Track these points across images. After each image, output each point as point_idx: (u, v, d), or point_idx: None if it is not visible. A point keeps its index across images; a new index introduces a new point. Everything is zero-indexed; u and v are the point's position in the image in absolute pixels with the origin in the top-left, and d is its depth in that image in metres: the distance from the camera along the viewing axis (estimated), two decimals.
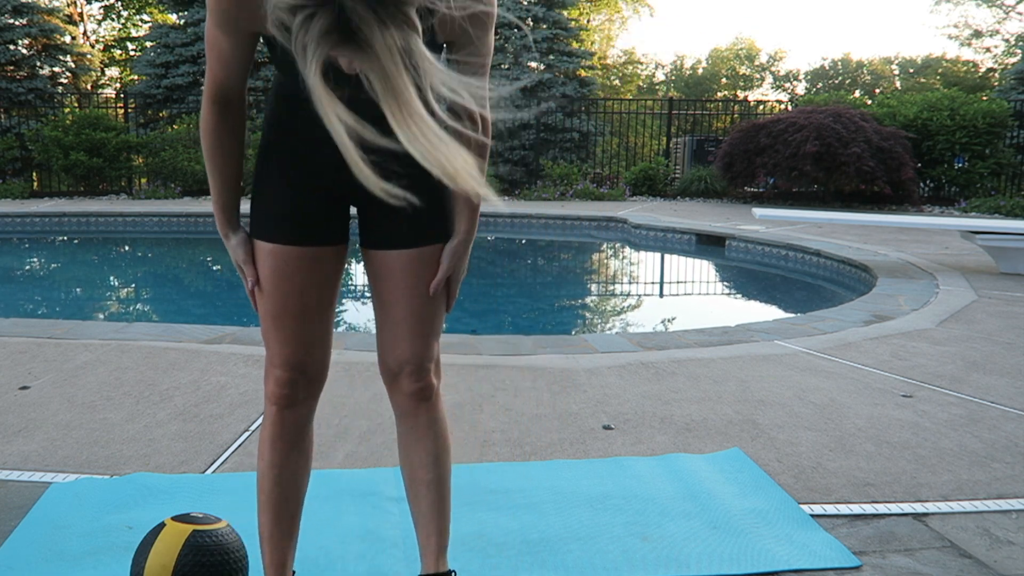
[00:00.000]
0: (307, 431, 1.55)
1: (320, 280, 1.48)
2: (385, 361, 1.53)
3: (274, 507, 1.53)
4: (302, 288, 1.46)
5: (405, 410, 1.54)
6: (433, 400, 1.54)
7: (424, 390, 1.52)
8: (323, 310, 1.50)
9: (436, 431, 1.55)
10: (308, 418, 1.54)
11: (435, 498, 1.55)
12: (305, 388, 1.51)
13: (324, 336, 1.52)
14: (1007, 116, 12.47)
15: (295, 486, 1.55)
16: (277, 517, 1.53)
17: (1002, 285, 5.61)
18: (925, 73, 34.87)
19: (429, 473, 1.55)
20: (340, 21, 1.00)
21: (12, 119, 14.00)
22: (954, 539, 1.97)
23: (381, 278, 1.50)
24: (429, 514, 1.55)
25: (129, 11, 25.26)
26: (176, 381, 3.11)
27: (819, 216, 7.00)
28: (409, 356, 1.50)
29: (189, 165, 12.57)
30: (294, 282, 1.45)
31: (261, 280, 1.47)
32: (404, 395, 1.53)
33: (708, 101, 26.58)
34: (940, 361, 3.61)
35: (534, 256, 9.27)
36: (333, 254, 1.49)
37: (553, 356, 3.56)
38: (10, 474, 2.25)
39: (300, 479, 1.56)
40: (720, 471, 2.35)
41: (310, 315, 1.48)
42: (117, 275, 7.82)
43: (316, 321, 1.49)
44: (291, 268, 1.45)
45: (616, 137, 17.24)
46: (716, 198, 13.14)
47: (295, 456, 1.53)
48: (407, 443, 1.56)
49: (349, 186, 1.44)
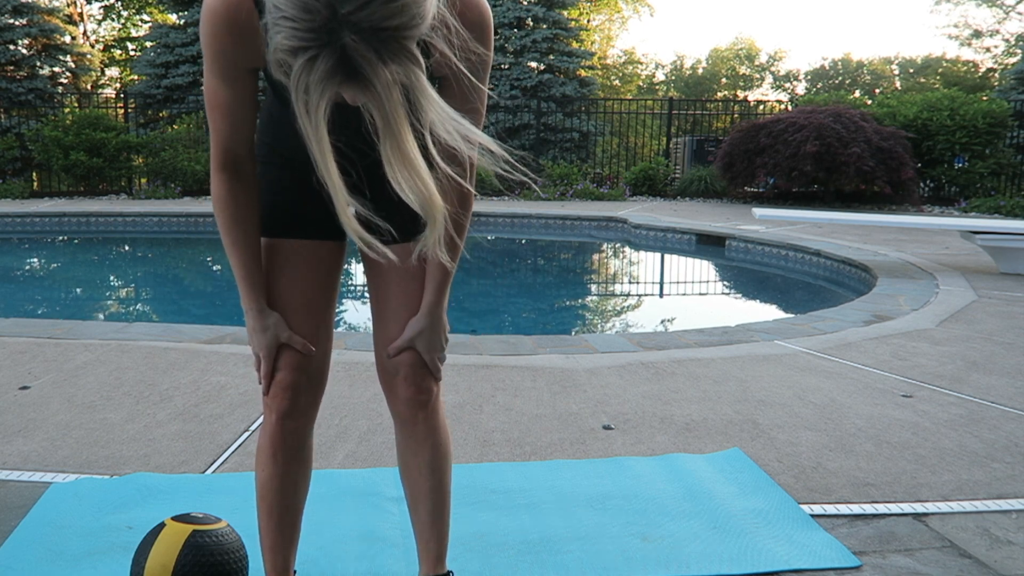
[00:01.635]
0: (307, 442, 1.53)
1: (320, 275, 1.48)
2: (383, 364, 1.50)
3: (276, 517, 1.51)
4: (302, 282, 1.46)
5: (403, 417, 1.50)
6: (432, 407, 1.50)
7: (422, 395, 1.48)
8: (323, 306, 1.49)
9: (435, 440, 1.51)
10: (309, 429, 1.52)
11: (433, 505, 1.54)
12: (308, 392, 1.48)
13: (324, 335, 1.50)
14: (1007, 116, 12.47)
15: (296, 496, 1.53)
16: (279, 526, 1.52)
17: (1002, 285, 5.61)
18: (925, 73, 34.87)
19: (427, 481, 1.52)
20: (343, 62, 1.00)
21: (12, 119, 14.00)
22: (954, 539, 1.97)
23: (377, 273, 1.49)
24: (428, 520, 1.54)
25: (129, 11, 25.26)
26: (176, 381, 3.11)
27: (819, 216, 7.00)
28: (405, 357, 1.46)
29: (189, 165, 12.57)
30: (294, 276, 1.45)
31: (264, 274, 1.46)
32: (402, 402, 1.48)
33: (708, 101, 26.59)
34: (940, 361, 3.61)
35: (534, 256, 9.26)
36: (333, 249, 1.49)
37: (553, 356, 3.57)
38: (10, 474, 2.25)
39: (301, 489, 1.54)
40: (720, 471, 2.35)
41: (311, 310, 1.47)
42: (117, 275, 7.82)
43: (317, 316, 1.48)
44: (290, 263, 1.45)
45: (616, 137, 17.24)
46: (716, 198, 13.13)
47: (295, 467, 1.51)
48: (405, 451, 1.53)
49: None
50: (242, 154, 1.37)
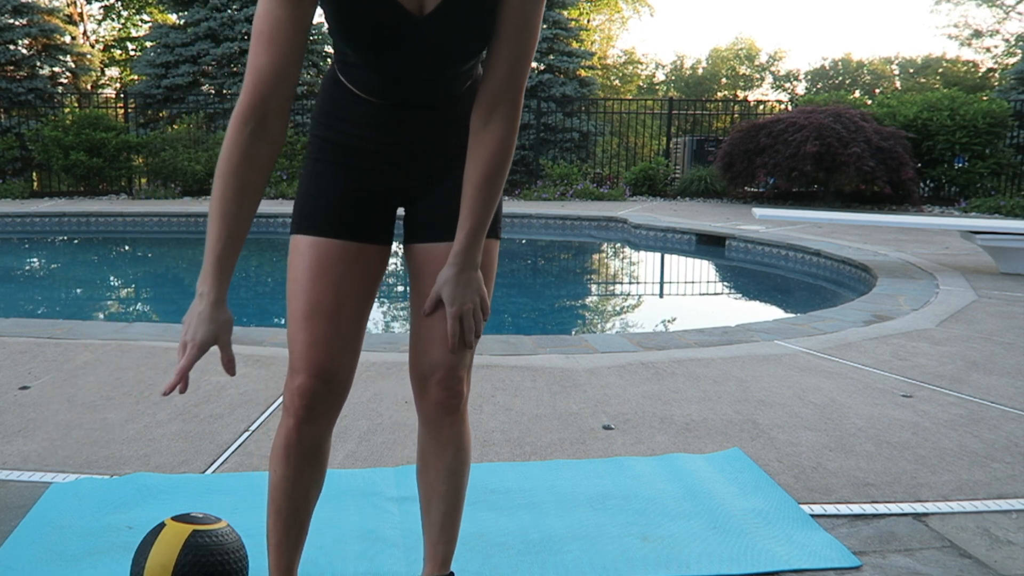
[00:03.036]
0: (323, 446, 1.46)
1: (358, 279, 1.41)
2: (417, 366, 1.46)
3: (285, 518, 1.48)
4: (339, 284, 1.38)
5: (430, 418, 1.48)
6: (460, 411, 1.48)
7: (452, 400, 1.45)
8: (357, 313, 1.42)
9: (457, 444, 1.49)
10: (327, 432, 1.45)
11: (447, 509, 1.52)
12: (327, 401, 1.41)
13: (354, 342, 1.43)
14: (1007, 116, 12.47)
15: (307, 499, 1.49)
16: (287, 527, 1.48)
17: (1002, 285, 5.61)
18: (925, 73, 34.86)
19: (444, 485, 1.51)
20: None
21: (12, 119, 14.00)
22: (954, 539, 1.97)
23: (422, 274, 1.44)
24: (439, 523, 1.53)
25: (129, 11, 25.26)
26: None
27: (819, 216, 7.00)
28: (442, 360, 1.42)
29: (189, 165, 12.57)
30: (332, 278, 1.38)
31: (296, 277, 1.39)
32: (431, 403, 1.46)
33: (708, 101, 26.58)
34: (940, 361, 3.61)
35: (534, 256, 9.26)
36: (376, 254, 1.43)
37: (553, 356, 3.56)
38: (10, 474, 2.25)
39: (312, 492, 1.50)
40: (720, 471, 2.35)
41: (344, 315, 1.39)
42: (117, 275, 7.82)
43: (349, 323, 1.40)
44: (331, 263, 1.38)
45: (616, 137, 17.24)
46: (716, 198, 13.14)
47: (308, 471, 1.45)
48: (427, 452, 1.51)
49: (397, 185, 1.44)
50: (273, 107, 1.25)
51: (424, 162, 1.43)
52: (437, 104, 1.40)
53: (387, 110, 1.39)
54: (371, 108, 1.39)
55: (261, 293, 6.58)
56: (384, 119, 1.40)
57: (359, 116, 1.40)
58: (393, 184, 1.44)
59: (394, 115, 1.40)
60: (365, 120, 1.40)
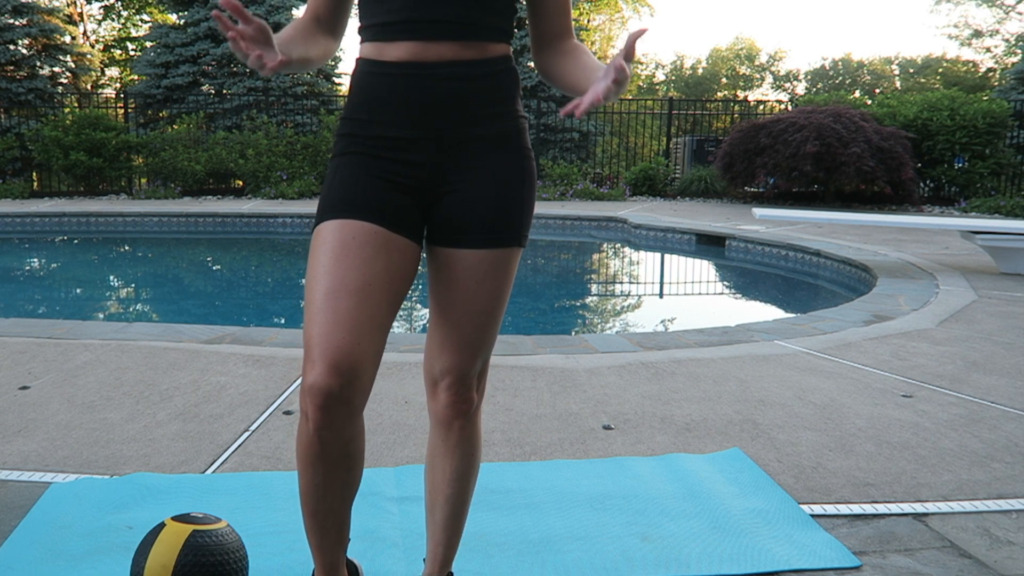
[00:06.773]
0: (352, 447, 1.33)
1: (385, 266, 1.31)
2: (429, 368, 1.46)
3: (322, 523, 1.37)
4: (365, 265, 1.28)
5: (440, 420, 1.48)
6: (470, 416, 1.47)
7: (461, 405, 1.45)
8: (385, 300, 1.30)
9: (466, 449, 1.48)
10: (353, 434, 1.33)
11: (452, 511, 1.52)
12: (346, 403, 1.27)
13: (380, 331, 1.30)
14: (1007, 116, 12.47)
15: (343, 500, 1.37)
16: (324, 529, 1.38)
17: (1002, 285, 5.61)
18: (925, 73, 34.86)
19: (450, 488, 1.50)
20: None
21: (12, 119, 14.00)
22: (954, 539, 1.97)
23: (443, 279, 1.41)
24: (443, 525, 1.53)
25: (129, 11, 25.26)
26: (176, 381, 3.11)
27: (819, 216, 7.00)
28: (452, 365, 1.42)
29: (189, 165, 12.57)
30: (357, 259, 1.29)
31: (317, 262, 1.30)
32: (442, 405, 1.46)
33: (708, 101, 26.58)
34: (940, 361, 3.61)
35: (534, 256, 9.26)
36: (405, 249, 1.35)
37: (553, 356, 3.56)
38: (10, 474, 2.25)
39: (348, 492, 1.37)
40: (720, 471, 2.35)
41: (371, 295, 1.28)
42: (117, 275, 7.82)
43: (375, 304, 1.29)
44: (357, 243, 1.29)
45: (616, 137, 17.24)
46: (716, 198, 13.13)
47: (341, 475, 1.33)
48: (435, 453, 1.50)
49: (424, 183, 1.37)
50: (322, 15, 1.42)
51: (450, 154, 1.36)
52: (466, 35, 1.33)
53: (414, 79, 1.33)
54: (394, 83, 1.33)
55: (261, 293, 6.58)
56: (411, 95, 1.33)
57: (383, 100, 1.34)
58: (419, 176, 1.37)
59: (419, 85, 1.33)
60: (389, 98, 1.34)
